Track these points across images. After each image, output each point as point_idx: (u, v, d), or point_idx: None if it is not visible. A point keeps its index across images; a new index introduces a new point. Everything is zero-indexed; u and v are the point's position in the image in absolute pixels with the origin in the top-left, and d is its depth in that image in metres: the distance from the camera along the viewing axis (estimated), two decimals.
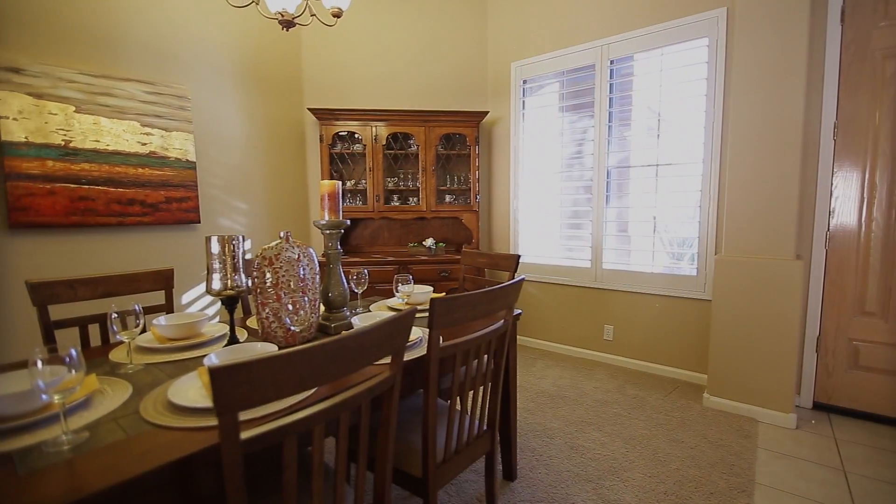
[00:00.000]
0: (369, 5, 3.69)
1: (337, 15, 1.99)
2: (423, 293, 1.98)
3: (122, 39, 2.73)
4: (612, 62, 3.20)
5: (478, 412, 1.49)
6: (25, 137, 2.36)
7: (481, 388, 1.48)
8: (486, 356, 1.45)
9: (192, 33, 3.05)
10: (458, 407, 1.39)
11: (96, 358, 1.37)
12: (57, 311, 1.63)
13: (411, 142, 3.66)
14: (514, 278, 2.03)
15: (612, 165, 3.27)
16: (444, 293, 2.32)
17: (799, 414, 2.45)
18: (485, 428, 1.54)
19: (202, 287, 3.16)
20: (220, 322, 1.75)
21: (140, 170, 2.77)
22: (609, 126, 3.23)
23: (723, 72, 2.72)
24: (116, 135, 2.67)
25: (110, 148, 2.65)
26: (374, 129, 3.51)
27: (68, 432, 0.89)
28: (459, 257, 3.39)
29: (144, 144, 2.78)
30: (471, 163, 3.63)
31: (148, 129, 2.79)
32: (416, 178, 3.67)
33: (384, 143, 3.54)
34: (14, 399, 0.93)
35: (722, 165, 2.77)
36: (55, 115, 2.45)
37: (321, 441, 0.88)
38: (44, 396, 0.85)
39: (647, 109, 3.17)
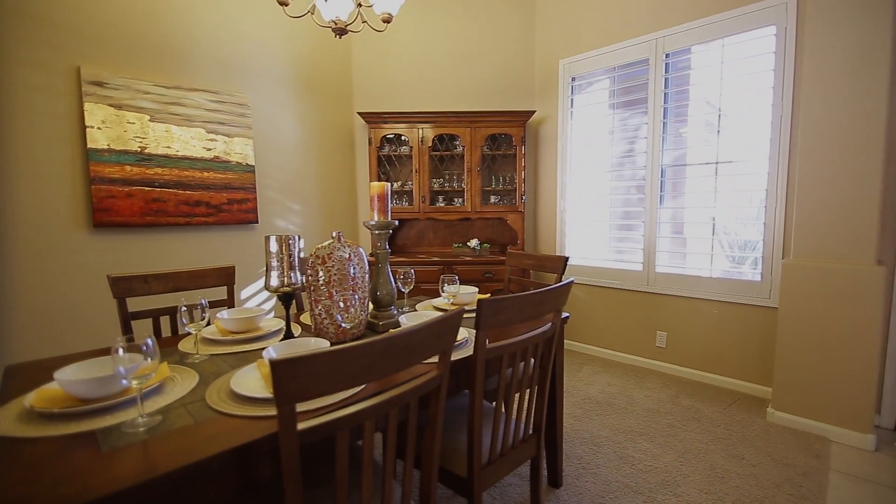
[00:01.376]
0: (415, 9, 3.75)
1: (387, 20, 2.04)
2: (468, 294, 1.98)
3: (190, 52, 2.94)
4: (667, 56, 3.06)
5: (523, 416, 1.47)
6: (108, 145, 2.59)
7: (527, 391, 1.46)
8: (532, 359, 1.43)
9: (252, 44, 3.23)
10: (504, 409, 1.38)
11: (167, 347, 1.48)
12: (132, 303, 1.78)
13: (457, 143, 3.67)
14: (561, 280, 1.99)
15: (667, 164, 3.13)
16: (489, 294, 2.31)
17: (879, 435, 2.23)
18: (530, 432, 1.52)
19: (258, 283, 3.34)
20: (275, 317, 1.84)
21: (205, 173, 2.97)
22: (664, 123, 3.09)
23: (792, 62, 2.53)
24: (185, 141, 2.88)
25: (180, 153, 2.86)
26: (420, 130, 3.56)
27: (144, 415, 0.97)
28: (504, 258, 3.36)
29: (209, 150, 2.98)
30: (517, 163, 3.60)
31: (213, 136, 2.99)
32: (462, 179, 3.68)
33: (430, 144, 3.58)
34: (99, 383, 1.02)
35: (791, 163, 2.57)
36: (133, 124, 2.67)
37: (371, 435, 0.90)
38: (124, 381, 0.93)
39: (706, 104, 3.00)
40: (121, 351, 0.91)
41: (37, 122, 2.41)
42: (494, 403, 1.90)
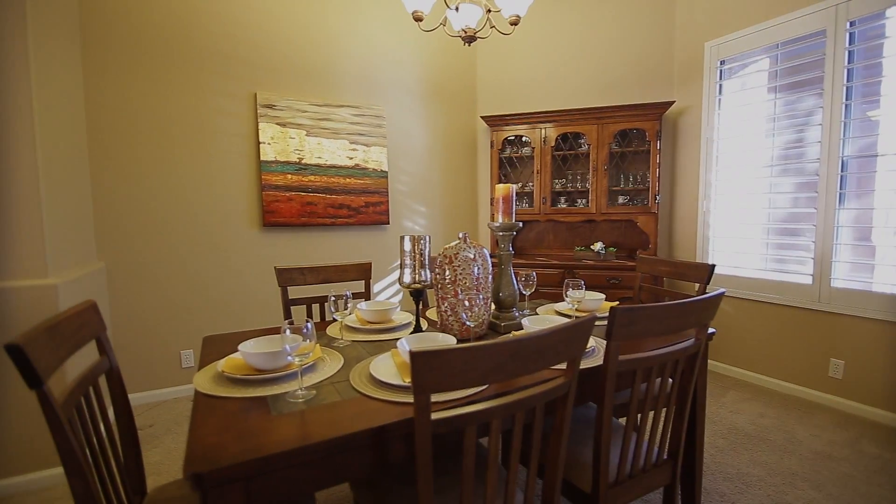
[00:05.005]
0: (539, 6, 3.69)
1: (514, 23, 2.04)
2: (594, 300, 1.88)
3: (337, 73, 3.33)
4: (851, 24, 2.51)
5: (657, 438, 1.34)
6: (275, 157, 3.07)
7: (663, 411, 1.33)
8: (670, 377, 1.30)
9: (388, 61, 3.53)
10: (635, 428, 1.28)
11: (317, 332, 1.70)
12: (289, 291, 2.08)
13: (581, 141, 3.52)
14: (705, 291, 1.77)
15: (850, 155, 2.57)
16: (616, 302, 2.17)
17: None
18: (664, 457, 1.38)
19: (387, 279, 3.63)
20: (402, 311, 1.97)
21: (347, 180, 3.33)
22: (845, 105, 2.54)
23: None
24: (332, 152, 3.27)
25: (328, 163, 3.26)
26: (542, 131, 3.50)
27: (303, 388, 1.13)
28: (633, 264, 3.12)
29: (351, 158, 3.34)
30: (650, 160, 3.31)
31: (354, 146, 3.35)
32: (586, 179, 3.51)
33: (553, 144, 3.49)
34: (271, 356, 1.21)
35: None
36: (293, 139, 3.13)
37: (498, 434, 0.91)
38: (289, 357, 1.09)
39: None
40: (288, 331, 1.07)
41: (226, 141, 2.97)
42: (623, 420, 1.77)
